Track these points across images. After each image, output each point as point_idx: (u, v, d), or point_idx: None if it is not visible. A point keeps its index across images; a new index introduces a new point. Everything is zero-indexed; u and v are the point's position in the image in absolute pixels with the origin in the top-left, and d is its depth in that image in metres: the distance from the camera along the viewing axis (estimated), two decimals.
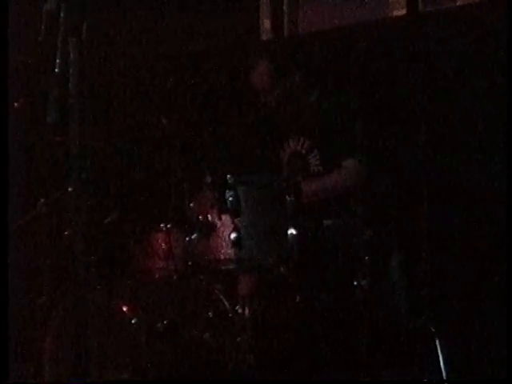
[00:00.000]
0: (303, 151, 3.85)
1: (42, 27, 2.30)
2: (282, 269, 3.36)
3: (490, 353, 3.62)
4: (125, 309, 3.39)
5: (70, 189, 2.27)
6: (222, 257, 3.25)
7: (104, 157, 4.10)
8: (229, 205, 3.23)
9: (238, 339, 3.45)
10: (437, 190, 3.76)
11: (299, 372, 3.35)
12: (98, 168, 3.88)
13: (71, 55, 2.20)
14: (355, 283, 3.31)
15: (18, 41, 3.73)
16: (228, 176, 3.26)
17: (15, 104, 4.11)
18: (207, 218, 3.27)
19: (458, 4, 4.13)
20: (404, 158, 3.91)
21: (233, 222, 3.22)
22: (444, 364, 3.28)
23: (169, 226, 3.72)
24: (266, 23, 4.52)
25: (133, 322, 3.35)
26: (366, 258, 3.34)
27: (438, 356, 3.30)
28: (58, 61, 2.18)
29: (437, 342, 3.33)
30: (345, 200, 3.67)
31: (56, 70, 2.20)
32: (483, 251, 3.74)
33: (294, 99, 3.82)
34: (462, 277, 3.76)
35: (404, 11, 4.21)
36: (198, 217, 3.29)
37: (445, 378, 3.25)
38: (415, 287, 3.60)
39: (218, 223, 3.25)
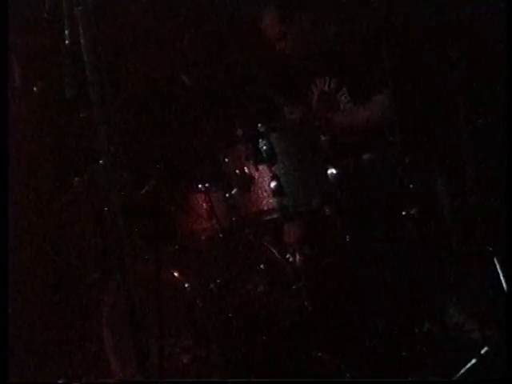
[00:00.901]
0: (331, 90, 3.77)
1: (45, 2, 2.24)
2: (327, 211, 3.32)
3: None
4: (176, 274, 3.36)
5: (100, 161, 2.23)
6: (265, 207, 3.22)
7: (130, 126, 4.05)
8: (264, 154, 3.19)
9: (293, 287, 3.41)
10: (476, 107, 3.64)
11: (358, 312, 3.32)
12: (126, 138, 3.84)
13: (79, 25, 2.14)
14: (404, 213, 3.24)
15: (24, 23, 3.67)
16: (259, 125, 3.20)
17: (34, 88, 4.06)
18: (244, 170, 3.22)
19: None
20: (437, 80, 3.78)
21: (271, 171, 3.18)
22: (506, 282, 3.21)
23: (207, 185, 3.67)
24: None
25: (186, 286, 3.32)
26: (411, 186, 3.26)
27: (499, 274, 3.23)
28: (66, 32, 2.13)
29: (496, 261, 3.25)
30: (381, 131, 3.58)
31: (66, 42, 2.14)
32: None
33: (309, 40, 3.74)
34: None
35: None
36: (234, 171, 3.25)
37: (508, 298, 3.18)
38: (464, 209, 3.52)
39: (256, 174, 3.21)
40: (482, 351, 3.18)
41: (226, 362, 3.23)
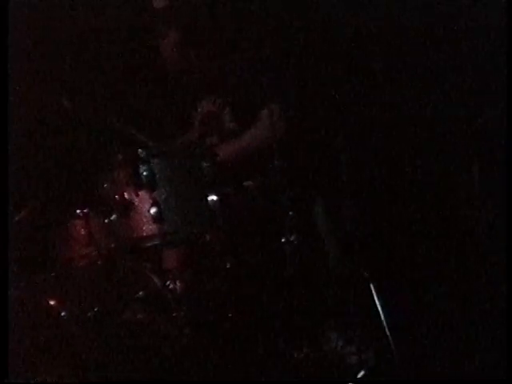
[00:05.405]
0: (216, 109, 3.80)
1: None
2: (207, 237, 3.32)
3: (426, 287, 3.66)
4: (52, 303, 3.27)
5: None
6: (145, 234, 3.19)
7: (6, 148, 3.94)
8: (144, 180, 3.17)
9: (174, 314, 3.39)
10: (355, 132, 3.74)
11: (239, 340, 3.32)
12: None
13: None
14: (283, 240, 3.28)
15: None
16: (139, 150, 3.18)
17: None
18: (124, 196, 3.19)
19: None
20: (321, 102, 3.86)
21: (151, 197, 3.16)
22: (382, 308, 3.29)
23: (85, 210, 3.60)
24: None
25: (62, 314, 3.24)
26: (291, 212, 3.31)
27: (375, 301, 3.31)
28: None
29: (371, 287, 3.33)
30: (263, 157, 3.62)
31: None
32: (405, 191, 3.77)
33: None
34: (387, 218, 3.78)
35: None
36: (114, 197, 3.21)
37: (384, 323, 3.26)
38: (342, 236, 3.60)
39: (136, 200, 3.19)
40: (359, 375, 3.25)
41: None
